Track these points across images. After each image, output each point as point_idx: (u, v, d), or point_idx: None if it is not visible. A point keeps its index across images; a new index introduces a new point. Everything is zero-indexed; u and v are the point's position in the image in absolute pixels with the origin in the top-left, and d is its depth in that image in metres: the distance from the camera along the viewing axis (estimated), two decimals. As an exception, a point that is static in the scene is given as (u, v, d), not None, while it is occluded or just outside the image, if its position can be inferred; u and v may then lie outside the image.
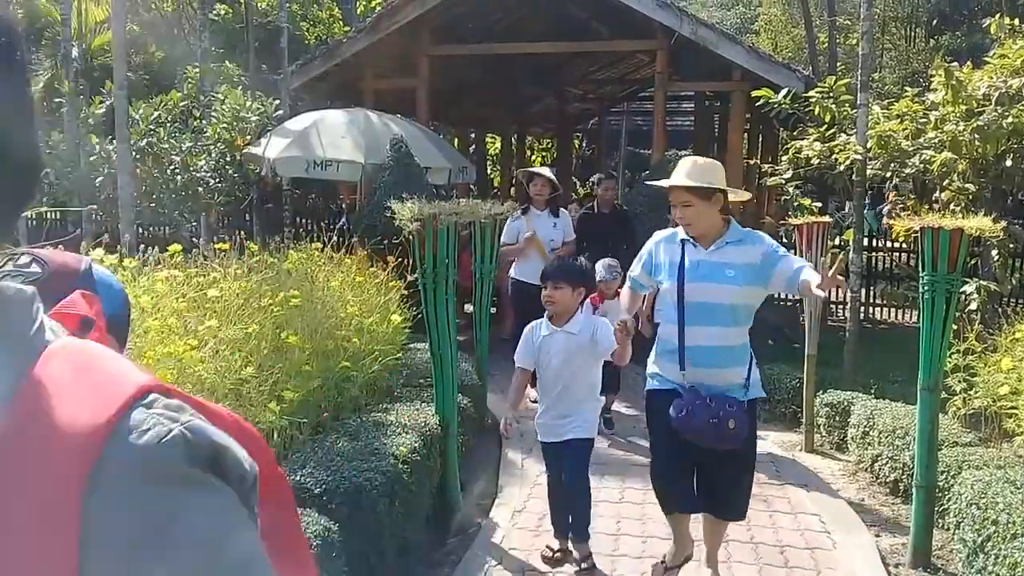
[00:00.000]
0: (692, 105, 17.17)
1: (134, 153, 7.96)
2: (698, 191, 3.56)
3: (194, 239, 9.10)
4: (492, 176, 20.48)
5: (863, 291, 9.27)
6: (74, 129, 9.25)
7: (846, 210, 7.60)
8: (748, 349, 3.66)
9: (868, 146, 7.16)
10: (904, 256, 10.21)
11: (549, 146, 22.82)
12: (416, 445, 4.19)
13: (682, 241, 3.66)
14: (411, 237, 4.42)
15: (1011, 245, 6.60)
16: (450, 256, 4.46)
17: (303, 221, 13.76)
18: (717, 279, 3.54)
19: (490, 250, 6.12)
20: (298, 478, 3.53)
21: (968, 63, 7.10)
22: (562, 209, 7.77)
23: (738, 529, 4.45)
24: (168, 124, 9.09)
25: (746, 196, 3.76)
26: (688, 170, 3.60)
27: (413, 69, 10.97)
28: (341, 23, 19.25)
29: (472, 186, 13.64)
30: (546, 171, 7.68)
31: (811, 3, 19.04)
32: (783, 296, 12.36)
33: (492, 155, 21.79)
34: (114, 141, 7.98)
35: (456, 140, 17.07)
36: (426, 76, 10.87)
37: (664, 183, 3.70)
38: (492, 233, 6.08)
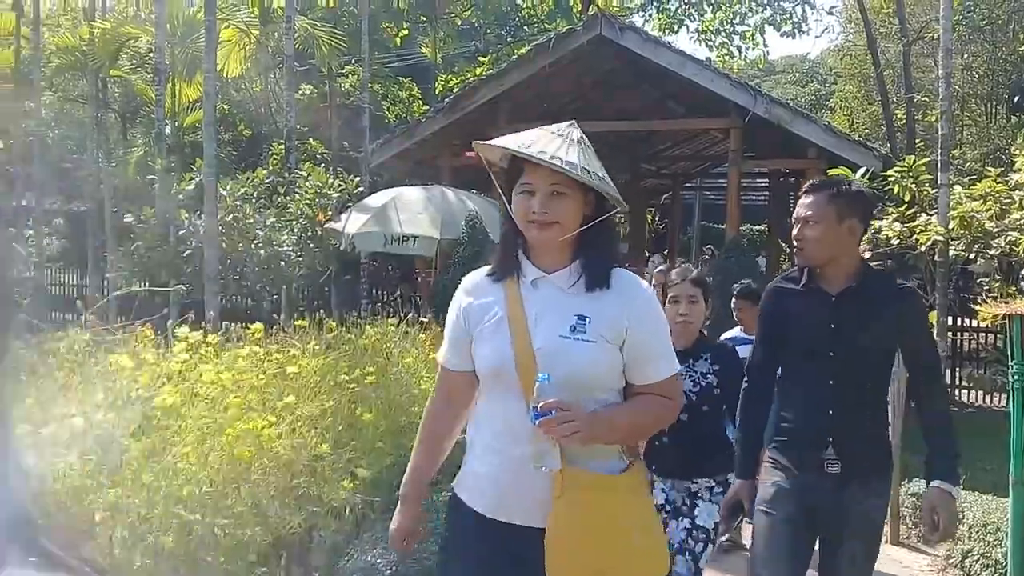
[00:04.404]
0: (766, 181, 17.10)
1: (220, 228, 8.24)
2: None
3: (275, 313, 9.31)
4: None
5: (949, 373, 8.96)
6: (165, 204, 9.66)
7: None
8: None
9: (950, 226, 7.00)
10: (991, 337, 9.84)
11: (622, 220, 22.89)
12: (486, 526, 4.15)
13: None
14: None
15: (1107, 330, 6.31)
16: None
17: (380, 293, 14.03)
18: None
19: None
20: (368, 559, 3.53)
21: (1053, 141, 6.94)
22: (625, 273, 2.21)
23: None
24: (254, 200, 9.42)
25: None
26: None
27: (489, 147, 11.22)
28: (420, 102, 19.92)
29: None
30: (542, 136, 1.99)
31: (888, 80, 18.90)
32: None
33: (566, 229, 21.91)
34: (202, 216, 8.31)
35: (531, 215, 17.25)
36: (502, 154, 11.09)
37: None
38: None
